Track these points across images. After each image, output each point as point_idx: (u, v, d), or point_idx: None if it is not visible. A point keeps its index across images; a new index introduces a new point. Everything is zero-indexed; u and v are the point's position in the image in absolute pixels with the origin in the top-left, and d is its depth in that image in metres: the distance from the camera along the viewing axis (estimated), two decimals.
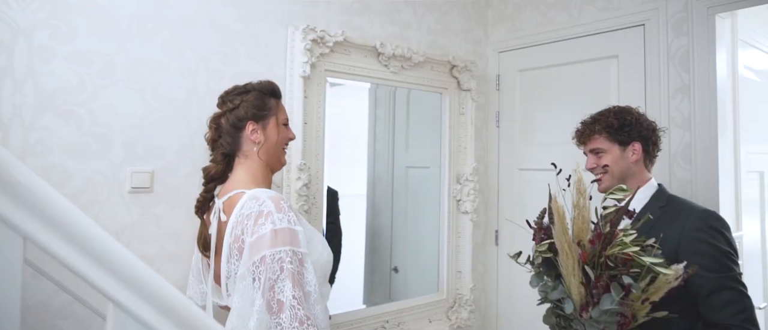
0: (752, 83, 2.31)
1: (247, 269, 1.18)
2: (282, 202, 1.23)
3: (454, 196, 2.57)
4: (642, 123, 1.52)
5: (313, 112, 2.02)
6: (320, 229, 2.10)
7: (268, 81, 1.48)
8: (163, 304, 0.95)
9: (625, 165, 1.51)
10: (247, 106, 1.40)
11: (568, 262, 1.17)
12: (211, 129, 1.44)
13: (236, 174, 1.40)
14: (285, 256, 1.14)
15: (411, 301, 2.45)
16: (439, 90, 2.52)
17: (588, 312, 1.15)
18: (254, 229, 1.18)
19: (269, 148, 1.42)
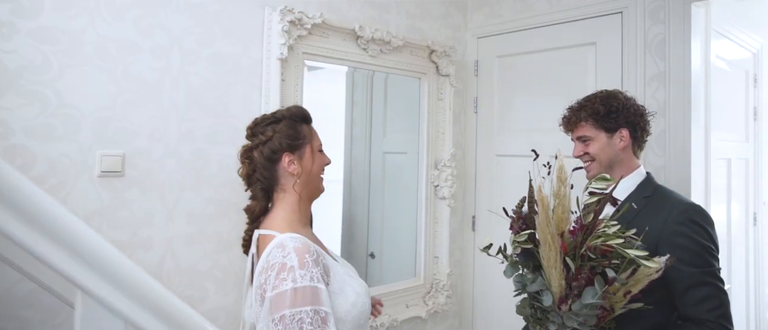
0: (722, 72, 2.35)
1: (265, 325, 1.15)
2: (307, 256, 1.16)
3: (432, 182, 2.57)
4: (629, 108, 1.47)
5: (290, 96, 1.98)
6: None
7: (296, 107, 1.41)
8: (135, 290, 0.92)
9: (613, 152, 1.46)
10: (280, 137, 1.31)
11: (551, 254, 1.13)
12: (244, 164, 1.35)
13: (274, 210, 1.33)
14: (305, 316, 1.10)
15: (388, 287, 2.45)
16: (417, 75, 2.50)
17: (567, 304, 1.12)
18: (275, 283, 1.13)
19: (307, 178, 1.34)
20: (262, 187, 1.33)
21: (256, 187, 1.34)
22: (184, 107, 1.76)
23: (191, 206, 1.78)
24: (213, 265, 1.83)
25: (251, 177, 1.34)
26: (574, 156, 1.52)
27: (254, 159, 1.32)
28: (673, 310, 1.31)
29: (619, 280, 1.10)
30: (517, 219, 1.27)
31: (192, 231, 1.78)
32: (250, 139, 1.36)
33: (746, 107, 2.69)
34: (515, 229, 1.27)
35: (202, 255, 1.81)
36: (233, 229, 1.87)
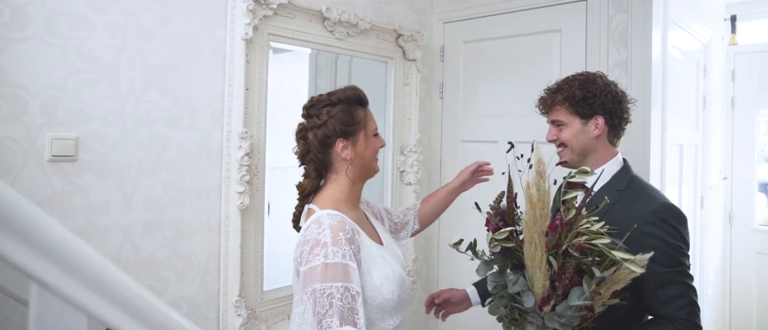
0: (677, 62, 2.44)
1: (299, 298, 1.19)
2: (341, 233, 1.18)
3: (397, 168, 2.56)
4: (608, 94, 1.38)
5: (255, 78, 1.91)
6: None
7: (352, 88, 1.37)
8: (99, 281, 0.85)
9: (586, 140, 1.39)
10: (334, 123, 1.30)
11: (536, 253, 1.06)
12: (299, 143, 1.36)
13: (325, 189, 1.34)
14: (336, 291, 1.12)
15: None
16: (384, 59, 2.47)
17: (549, 305, 1.08)
18: (309, 258, 1.16)
19: (360, 163, 1.34)
20: (315, 168, 1.34)
21: (310, 167, 1.34)
22: (142, 88, 1.67)
23: (150, 192, 1.70)
24: (173, 253, 1.76)
25: (305, 156, 1.35)
26: (548, 140, 1.46)
27: (309, 140, 1.32)
28: (640, 301, 1.29)
29: (611, 279, 1.06)
30: (494, 215, 1.19)
31: (151, 218, 1.70)
32: (306, 119, 1.35)
33: (697, 96, 2.81)
34: (492, 226, 1.19)
35: (161, 243, 1.73)
36: (194, 215, 1.80)
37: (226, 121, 1.86)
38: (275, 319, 2.03)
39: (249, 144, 1.86)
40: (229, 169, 1.85)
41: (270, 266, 2.05)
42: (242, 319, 1.86)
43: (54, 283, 0.81)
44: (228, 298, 1.86)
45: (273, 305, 2.03)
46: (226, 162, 1.86)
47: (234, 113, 1.85)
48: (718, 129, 3.22)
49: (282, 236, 2.56)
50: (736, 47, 3.27)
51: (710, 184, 3.00)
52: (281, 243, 2.56)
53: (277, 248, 2.28)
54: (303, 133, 1.34)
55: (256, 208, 1.93)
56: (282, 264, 2.52)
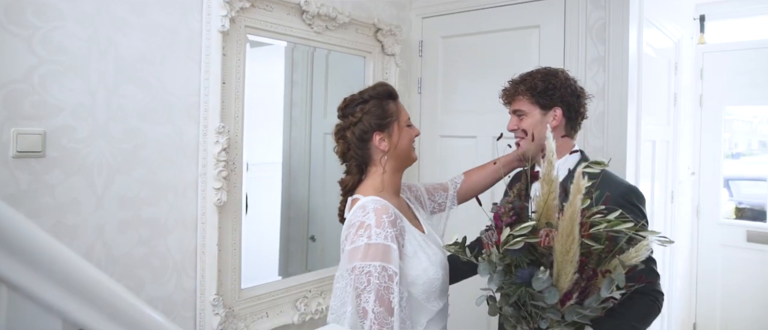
0: (650, 59, 2.49)
1: (341, 274, 1.29)
2: (384, 216, 1.26)
3: None
4: (567, 88, 1.45)
5: (232, 71, 1.86)
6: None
7: (381, 84, 1.46)
8: (74, 282, 0.81)
9: (544, 130, 1.38)
10: (369, 118, 1.38)
11: (572, 246, 1.01)
12: (339, 143, 1.44)
13: (366, 180, 1.42)
14: (374, 270, 1.21)
15: (331, 270, 2.39)
16: (363, 53, 2.44)
17: (571, 299, 1.06)
18: (353, 238, 1.26)
19: (397, 153, 1.42)
20: (356, 163, 1.42)
21: (351, 163, 1.43)
22: (115, 81, 1.60)
23: (124, 190, 1.64)
24: (149, 252, 1.70)
25: (346, 154, 1.43)
26: (508, 129, 1.52)
27: (347, 138, 1.40)
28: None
29: (626, 260, 1.06)
30: (508, 211, 1.15)
31: (126, 216, 1.64)
32: (342, 119, 1.44)
33: (668, 93, 2.88)
34: (505, 222, 1.13)
35: (136, 242, 1.67)
36: (170, 213, 1.75)
37: (203, 116, 1.81)
38: (254, 317, 2.00)
39: (226, 139, 1.81)
40: (206, 164, 1.80)
41: (248, 263, 2.01)
42: (220, 317, 1.82)
43: (25, 285, 0.76)
44: (205, 297, 1.81)
45: (251, 303, 1.99)
46: (203, 157, 1.81)
47: (210, 107, 1.80)
48: (687, 125, 3.31)
49: (260, 233, 2.53)
50: (704, 46, 3.36)
51: (680, 180, 3.08)
52: (259, 240, 2.53)
53: (255, 245, 2.24)
54: (341, 133, 1.42)
55: (233, 205, 1.89)
56: (260, 261, 2.48)
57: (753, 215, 3.58)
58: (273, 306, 2.08)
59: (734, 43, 3.46)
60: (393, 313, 1.21)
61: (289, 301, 2.15)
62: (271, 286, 2.10)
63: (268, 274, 2.36)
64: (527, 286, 1.08)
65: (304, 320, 2.16)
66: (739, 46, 3.41)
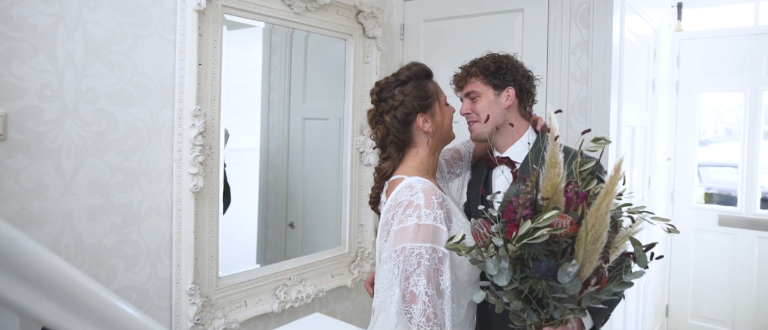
0: (631, 45, 2.50)
1: (388, 255, 1.22)
2: (433, 197, 1.22)
3: (357, 148, 2.50)
4: (519, 68, 1.48)
5: (208, 52, 1.79)
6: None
7: (416, 64, 1.43)
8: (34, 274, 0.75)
9: (499, 111, 1.45)
10: (411, 99, 1.34)
11: (603, 234, 0.97)
12: (377, 128, 1.38)
13: (404, 162, 1.37)
14: (424, 252, 1.17)
15: (312, 257, 2.37)
16: (343, 36, 2.39)
17: (590, 286, 1.03)
18: (401, 218, 1.21)
19: (440, 133, 1.39)
20: (396, 148, 1.36)
21: (391, 148, 1.36)
22: (84, 61, 1.52)
23: (95, 175, 1.56)
24: (122, 240, 1.64)
25: (385, 139, 1.36)
26: (461, 113, 1.51)
27: (387, 122, 1.34)
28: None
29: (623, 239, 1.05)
30: (523, 203, 1.07)
31: (96, 202, 1.57)
32: (378, 104, 1.38)
33: (647, 79, 2.90)
34: (521, 215, 1.06)
35: (108, 229, 1.61)
36: (144, 199, 1.68)
37: (178, 99, 1.74)
38: (232, 306, 1.95)
39: (202, 123, 1.74)
40: (182, 149, 1.74)
41: (226, 251, 1.96)
42: (197, 307, 1.77)
43: None
44: (181, 286, 1.76)
45: (229, 292, 1.94)
46: (178, 142, 1.74)
47: (186, 90, 1.73)
48: (663, 112, 3.35)
49: (238, 219, 2.47)
50: (681, 33, 3.39)
51: (656, 165, 3.12)
52: (237, 227, 2.48)
53: (233, 232, 2.18)
54: (379, 118, 1.37)
55: (210, 191, 1.83)
56: (238, 248, 2.43)
57: (721, 200, 3.67)
58: (252, 294, 2.03)
59: (710, 31, 3.50)
60: (443, 296, 1.18)
61: (269, 290, 2.11)
62: (249, 274, 2.05)
63: (246, 262, 2.31)
64: (548, 278, 1.02)
65: (284, 308, 2.12)
66: (714, 33, 3.46)
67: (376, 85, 1.41)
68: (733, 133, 3.74)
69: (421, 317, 1.15)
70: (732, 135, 3.75)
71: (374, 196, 1.43)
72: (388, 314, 1.19)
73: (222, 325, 1.87)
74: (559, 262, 1.03)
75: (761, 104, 3.32)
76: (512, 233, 1.03)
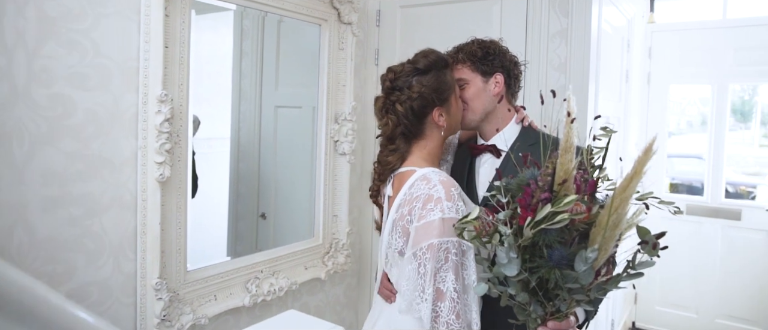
0: (607, 35, 2.50)
1: (412, 254, 1.16)
2: (453, 188, 1.17)
3: (331, 137, 2.43)
4: (505, 54, 1.44)
5: (176, 34, 1.69)
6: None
7: (432, 51, 1.33)
8: None
9: (487, 99, 1.41)
10: (429, 92, 1.25)
11: (622, 220, 0.95)
12: (387, 118, 1.28)
13: (412, 154, 1.30)
14: (451, 247, 1.13)
15: (284, 249, 2.30)
16: (318, 21, 2.31)
17: (600, 276, 1.00)
18: (422, 213, 1.15)
19: (453, 124, 1.33)
20: (405, 140, 1.28)
21: (400, 140, 1.28)
22: (37, 40, 1.40)
23: (50, 164, 1.46)
24: (82, 233, 1.54)
25: (395, 131, 1.27)
26: None
27: (399, 113, 1.25)
28: None
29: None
30: (542, 187, 1.00)
31: (52, 193, 1.47)
32: (390, 92, 1.28)
33: (621, 70, 2.92)
34: (539, 199, 0.99)
35: (67, 222, 1.50)
36: (106, 190, 1.58)
37: (142, 83, 1.63)
38: (201, 300, 1.87)
39: (169, 108, 1.65)
40: (147, 136, 1.64)
41: (195, 243, 1.87)
42: (164, 302, 1.68)
43: None
44: (147, 281, 1.67)
45: (198, 286, 1.86)
46: (143, 129, 1.64)
47: (151, 73, 1.63)
48: (635, 103, 3.39)
49: (207, 211, 2.38)
50: (653, 25, 3.43)
51: (629, 155, 3.16)
52: (207, 218, 2.39)
53: (202, 224, 2.10)
54: (390, 107, 1.27)
55: (177, 181, 1.74)
56: (208, 240, 2.34)
57: (685, 190, 3.76)
58: (222, 288, 1.96)
59: (680, 24, 3.56)
60: (468, 291, 1.15)
61: (240, 283, 2.03)
62: (219, 267, 1.97)
63: (216, 255, 2.22)
64: (563, 267, 0.98)
65: (256, 302, 2.05)
66: (685, 26, 3.51)
67: (389, 71, 1.31)
68: (693, 126, 3.83)
69: (450, 314, 1.11)
70: (693, 127, 3.85)
71: (376, 190, 1.37)
72: (415, 314, 1.15)
73: (190, 320, 1.79)
74: (572, 250, 0.99)
75: (728, 96, 3.40)
76: (526, 219, 0.97)
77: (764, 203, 3.35)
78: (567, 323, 1.08)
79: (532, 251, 1.01)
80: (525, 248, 1.00)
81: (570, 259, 0.98)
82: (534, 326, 1.08)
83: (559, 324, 1.06)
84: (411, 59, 1.31)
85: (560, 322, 1.06)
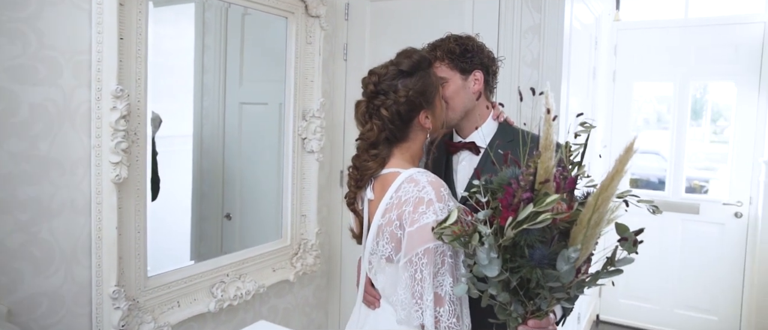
0: (577, 32, 2.50)
1: (408, 260, 1.12)
2: (442, 189, 1.14)
3: (299, 134, 2.35)
4: (483, 50, 1.40)
5: (131, 25, 1.58)
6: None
7: (413, 51, 1.28)
8: None
9: (467, 96, 1.37)
10: (416, 95, 1.20)
11: (604, 217, 0.95)
12: (371, 123, 1.21)
13: (394, 157, 1.24)
14: (447, 249, 1.11)
15: (251, 251, 2.21)
16: (285, 13, 2.22)
17: (580, 274, 1.00)
18: (414, 217, 1.11)
19: (437, 125, 1.28)
20: (388, 144, 1.23)
21: (383, 145, 1.22)
22: None
23: None
24: (29, 239, 1.42)
25: (379, 136, 1.21)
26: None
27: (384, 117, 1.19)
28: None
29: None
30: (523, 187, 0.98)
31: None
32: (375, 96, 1.21)
33: (588, 67, 2.94)
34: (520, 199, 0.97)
35: (12, 228, 1.38)
36: (58, 193, 1.47)
37: (95, 77, 1.51)
38: (163, 307, 1.77)
39: (126, 105, 1.53)
40: (101, 135, 1.52)
41: (156, 248, 1.77)
42: (122, 311, 1.58)
43: None
44: (103, 289, 1.56)
45: (160, 292, 1.76)
46: (97, 127, 1.52)
47: (105, 67, 1.51)
48: (602, 100, 3.44)
49: (169, 212, 2.26)
50: (619, 23, 3.48)
51: (595, 152, 3.19)
52: (169, 220, 2.27)
53: (163, 226, 1.99)
54: (374, 112, 1.21)
55: (136, 182, 1.63)
56: (170, 243, 2.23)
57: (643, 185, 3.86)
58: (186, 294, 1.86)
59: (645, 22, 3.62)
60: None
61: (205, 288, 1.94)
62: (182, 271, 1.87)
63: (178, 259, 2.12)
64: (544, 266, 0.97)
65: (222, 307, 1.96)
66: (649, 24, 3.58)
67: (372, 74, 1.24)
68: (650, 123, 3.94)
69: (451, 318, 1.10)
70: (649, 124, 3.96)
71: (353, 196, 1.29)
72: (415, 322, 1.13)
73: (152, 329, 1.69)
74: (552, 249, 0.98)
75: (689, 94, 3.48)
76: (507, 219, 0.95)
77: (720, 197, 3.45)
78: (547, 321, 1.07)
79: (512, 251, 1.00)
80: (505, 248, 0.99)
81: (551, 258, 0.97)
82: (515, 325, 1.07)
83: (539, 322, 1.06)
84: (394, 61, 1.25)
85: (541, 320, 1.06)
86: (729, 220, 3.41)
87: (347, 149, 2.61)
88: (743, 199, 3.36)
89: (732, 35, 3.27)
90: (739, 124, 3.33)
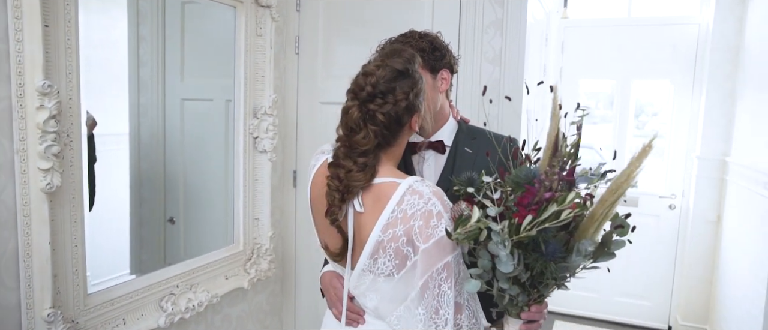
0: (531, 28, 2.51)
1: (430, 277, 1.05)
2: (445, 198, 1.09)
3: (250, 133, 2.21)
4: (448, 48, 1.36)
5: (59, 11, 1.39)
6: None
7: (402, 48, 1.21)
8: None
9: (436, 95, 1.32)
10: (414, 97, 1.13)
11: (611, 209, 0.99)
12: (365, 130, 1.10)
13: (382, 164, 1.15)
14: (459, 257, 1.09)
15: (202, 259, 2.05)
16: (233, 3, 2.07)
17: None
18: (429, 232, 1.05)
19: (423, 126, 1.23)
20: (377, 150, 1.13)
21: (374, 152, 1.12)
22: None
23: None
24: None
25: (373, 143, 1.11)
26: None
27: (380, 123, 1.10)
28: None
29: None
30: (546, 186, 1.00)
31: None
32: (371, 99, 1.10)
33: (539, 64, 2.97)
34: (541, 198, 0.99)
35: None
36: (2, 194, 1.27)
37: (16, 71, 1.31)
38: (107, 326, 1.60)
39: (55, 103, 1.35)
40: (26, 138, 1.33)
41: (94, 261, 1.59)
42: None
43: None
44: (35, 313, 1.37)
45: (102, 311, 1.58)
46: (21, 128, 1.33)
47: (28, 59, 1.31)
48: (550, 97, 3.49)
49: (105, 220, 2.06)
50: (566, 21, 3.55)
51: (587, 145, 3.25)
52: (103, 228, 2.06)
53: (99, 236, 1.79)
54: (370, 117, 1.10)
55: (70, 190, 1.45)
56: (110, 256, 2.03)
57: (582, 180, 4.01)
58: (132, 310, 1.69)
59: (591, 20, 3.72)
60: (473, 296, 1.14)
61: (153, 302, 1.77)
62: (127, 285, 1.70)
63: (121, 272, 1.93)
64: (558, 260, 1.00)
65: (173, 322, 1.80)
66: (595, 22, 3.68)
67: (368, 75, 1.12)
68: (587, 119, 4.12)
69: (471, 319, 1.10)
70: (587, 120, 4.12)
71: (334, 209, 1.14)
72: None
73: None
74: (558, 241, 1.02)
75: (631, 91, 3.61)
76: (525, 217, 0.97)
77: (656, 190, 3.62)
78: (545, 304, 1.13)
79: (525, 247, 1.01)
80: (518, 244, 1.01)
81: (563, 251, 1.01)
82: (516, 312, 1.10)
83: (540, 307, 1.10)
84: (385, 60, 1.14)
85: (541, 304, 1.10)
86: (664, 212, 3.58)
87: (300, 149, 2.49)
88: (677, 191, 3.54)
89: (670, 35, 3.41)
90: (674, 121, 3.50)
